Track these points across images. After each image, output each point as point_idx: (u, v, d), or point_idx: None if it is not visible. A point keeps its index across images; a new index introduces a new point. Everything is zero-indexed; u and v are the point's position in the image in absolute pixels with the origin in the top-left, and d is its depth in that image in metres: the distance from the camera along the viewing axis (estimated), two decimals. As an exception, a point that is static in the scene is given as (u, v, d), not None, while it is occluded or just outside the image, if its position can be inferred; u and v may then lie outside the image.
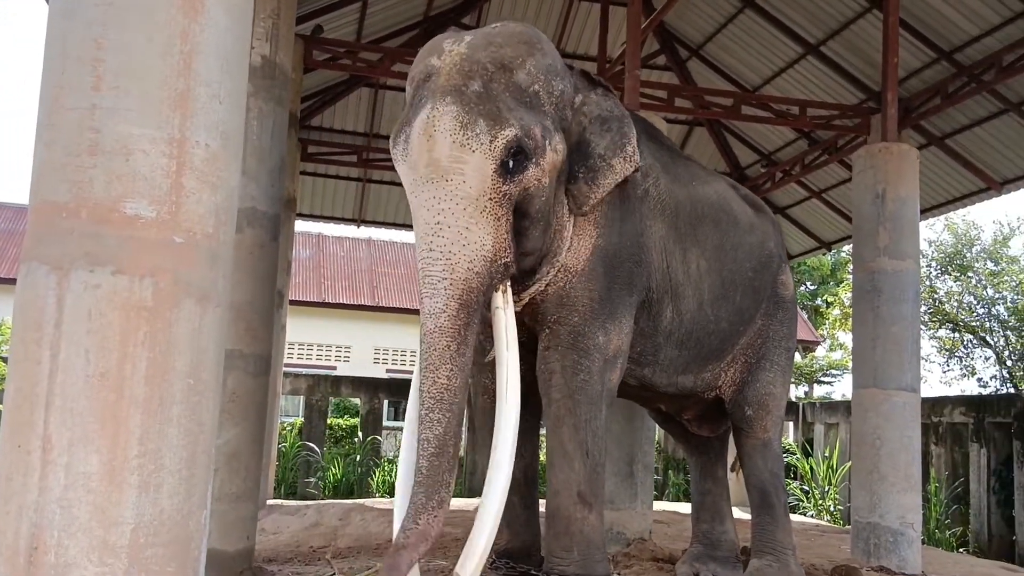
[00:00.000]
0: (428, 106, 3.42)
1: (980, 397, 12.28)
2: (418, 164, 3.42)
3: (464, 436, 13.41)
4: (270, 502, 9.34)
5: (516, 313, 3.93)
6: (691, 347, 4.63)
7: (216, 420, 2.20)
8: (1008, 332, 17.43)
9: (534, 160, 3.49)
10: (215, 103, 2.09)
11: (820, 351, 23.74)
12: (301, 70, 8.31)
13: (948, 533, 10.35)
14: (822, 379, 24.36)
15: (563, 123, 3.77)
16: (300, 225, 13.23)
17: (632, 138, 3.95)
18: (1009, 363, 17.42)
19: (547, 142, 3.56)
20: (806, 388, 23.97)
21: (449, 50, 3.59)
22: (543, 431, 4.29)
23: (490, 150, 3.36)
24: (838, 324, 20.01)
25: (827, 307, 22.76)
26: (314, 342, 21.76)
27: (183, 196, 2.02)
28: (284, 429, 12.95)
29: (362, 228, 14.24)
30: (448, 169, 3.34)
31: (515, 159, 3.42)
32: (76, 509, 1.91)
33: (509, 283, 3.58)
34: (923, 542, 8.17)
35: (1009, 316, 17.31)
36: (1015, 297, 17.14)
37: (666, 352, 4.53)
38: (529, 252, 3.67)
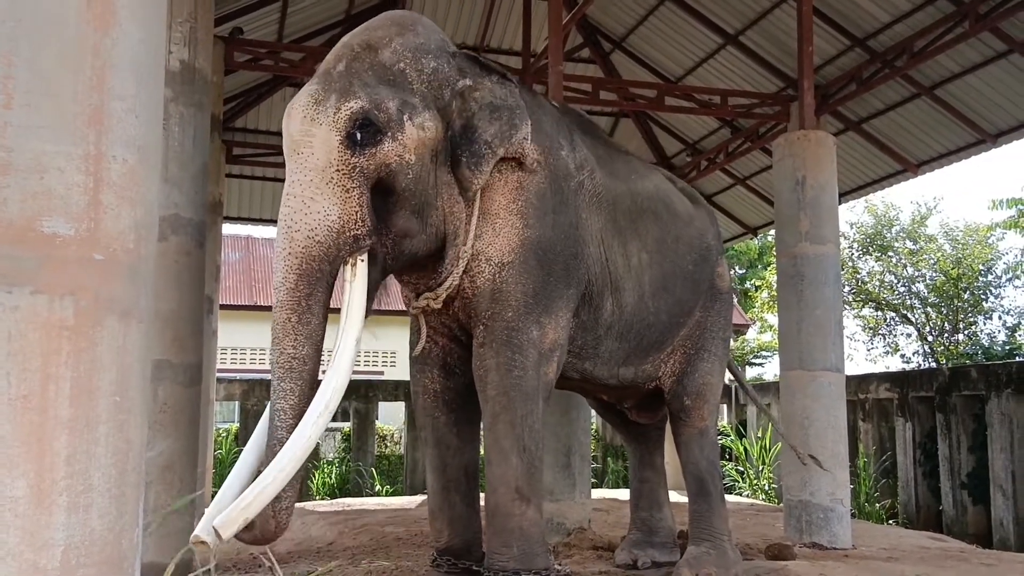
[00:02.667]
0: (300, 93, 3.63)
1: (904, 373, 12.64)
2: (284, 143, 3.60)
3: (404, 433, 13.38)
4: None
5: (452, 312, 4.07)
6: (631, 339, 4.65)
7: (145, 437, 2.19)
8: (928, 309, 17.97)
9: (389, 134, 3.55)
10: (131, 117, 2.06)
11: (751, 333, 24.22)
12: (222, 72, 8.17)
13: (878, 506, 10.67)
14: (753, 361, 24.87)
15: (438, 103, 3.79)
16: (228, 228, 13.06)
17: (522, 128, 3.92)
18: (930, 339, 17.96)
19: (405, 117, 3.60)
20: (739, 370, 24.39)
21: (340, 43, 3.83)
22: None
23: (334, 122, 3.47)
24: (766, 307, 20.38)
25: (756, 290, 23.19)
26: (247, 346, 21.42)
27: (102, 212, 1.99)
28: (220, 435, 12.77)
29: (291, 229, 14.04)
30: (300, 143, 3.49)
31: (363, 132, 3.50)
32: (4, 534, 1.88)
33: (364, 257, 3.56)
34: (854, 516, 8.42)
35: (929, 293, 17.83)
36: (933, 275, 17.66)
37: (607, 345, 4.55)
38: (406, 233, 3.69)
